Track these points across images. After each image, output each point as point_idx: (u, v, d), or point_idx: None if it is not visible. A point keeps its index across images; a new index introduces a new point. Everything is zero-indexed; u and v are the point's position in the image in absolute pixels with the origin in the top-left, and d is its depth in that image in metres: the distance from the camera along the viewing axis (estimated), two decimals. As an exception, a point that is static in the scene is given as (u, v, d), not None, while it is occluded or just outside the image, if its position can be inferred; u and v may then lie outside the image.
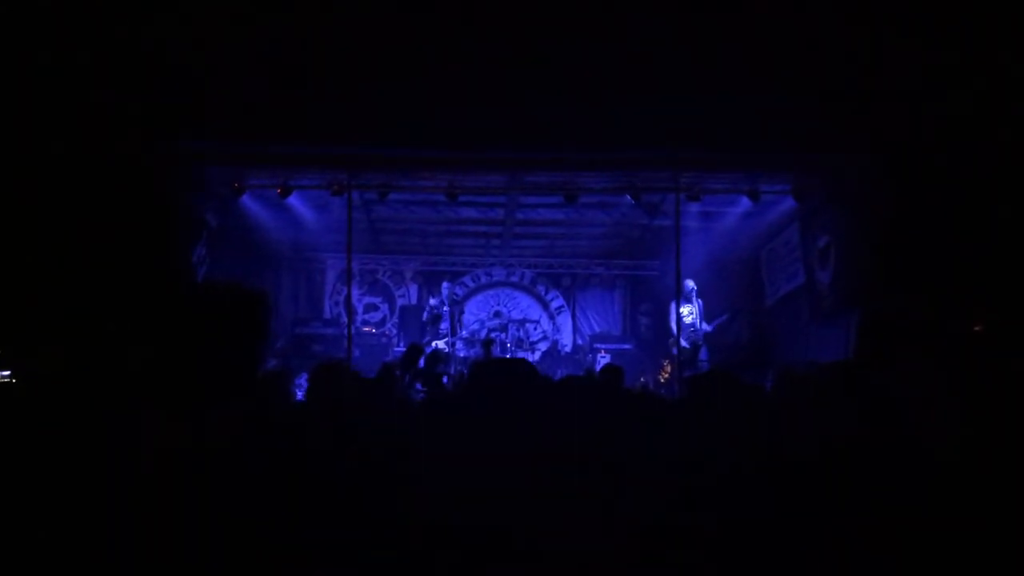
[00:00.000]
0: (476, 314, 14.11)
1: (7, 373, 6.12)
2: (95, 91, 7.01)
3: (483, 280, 14.68)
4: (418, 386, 8.86)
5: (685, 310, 10.93)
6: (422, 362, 10.03)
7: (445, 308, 11.70)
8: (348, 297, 11.69)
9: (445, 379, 9.37)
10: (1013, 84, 6.53)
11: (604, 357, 12.40)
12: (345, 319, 12.31)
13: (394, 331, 14.04)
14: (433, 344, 11.11)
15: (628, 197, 10.30)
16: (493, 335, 12.55)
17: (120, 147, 7.39)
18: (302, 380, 8.92)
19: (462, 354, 11.85)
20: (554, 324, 14.61)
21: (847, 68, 7.35)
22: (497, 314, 13.90)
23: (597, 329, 14.52)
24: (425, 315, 11.89)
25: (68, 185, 7.12)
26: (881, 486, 2.50)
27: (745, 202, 10.42)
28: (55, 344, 6.37)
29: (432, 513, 1.84)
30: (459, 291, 13.88)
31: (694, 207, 10.43)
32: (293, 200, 10.49)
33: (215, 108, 7.52)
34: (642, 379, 11.52)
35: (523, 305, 14.59)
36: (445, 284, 12.29)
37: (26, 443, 1.87)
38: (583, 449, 2.34)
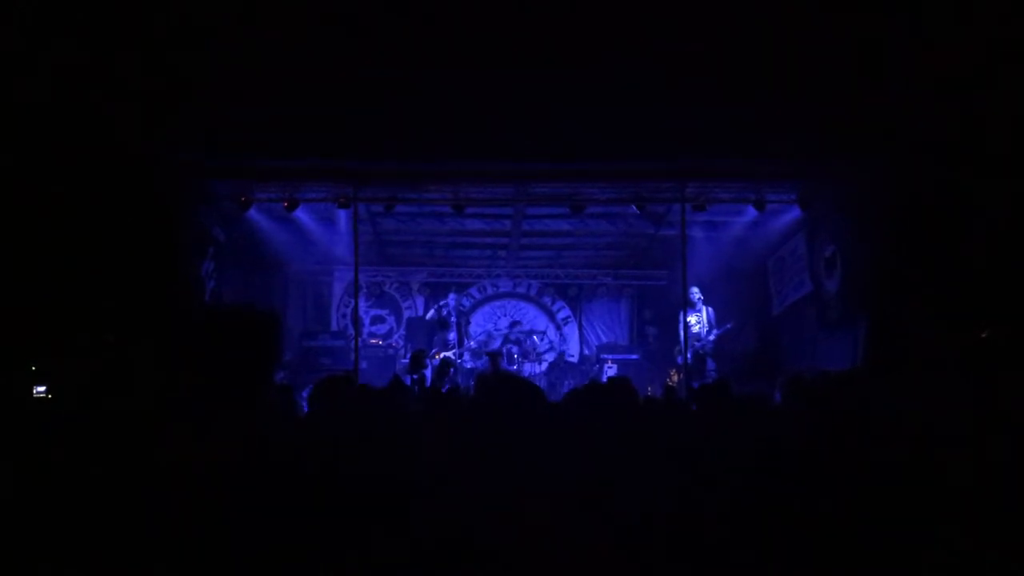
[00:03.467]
0: (483, 325, 14.12)
1: (43, 389, 6.19)
2: (101, 107, 7.06)
3: (489, 291, 14.69)
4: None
5: (692, 319, 10.92)
6: (428, 372, 10.05)
7: (452, 319, 11.71)
8: (355, 309, 11.70)
9: (446, 387, 9.38)
10: (1017, 89, 6.52)
11: (611, 368, 12.38)
12: (352, 331, 12.33)
13: (401, 343, 14.06)
14: (441, 355, 11.12)
15: (634, 207, 10.31)
16: (506, 347, 12.55)
17: (127, 163, 7.44)
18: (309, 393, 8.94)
19: (469, 365, 11.86)
20: (561, 335, 14.60)
21: (852, 76, 7.36)
22: (515, 323, 13.85)
23: (604, 339, 14.50)
24: (431, 314, 11.89)
25: (74, 201, 7.17)
26: (888, 492, 2.50)
27: (751, 211, 10.41)
28: (81, 361, 6.42)
29: (436, 529, 1.85)
30: (466, 302, 13.90)
31: (700, 217, 10.43)
32: (300, 213, 10.53)
33: (221, 122, 7.56)
34: (649, 388, 11.50)
35: (530, 316, 14.59)
36: (452, 295, 12.29)
37: (60, 455, 1.89)
38: (589, 463, 2.34)
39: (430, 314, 11.98)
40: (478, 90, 7.62)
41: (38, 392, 6.21)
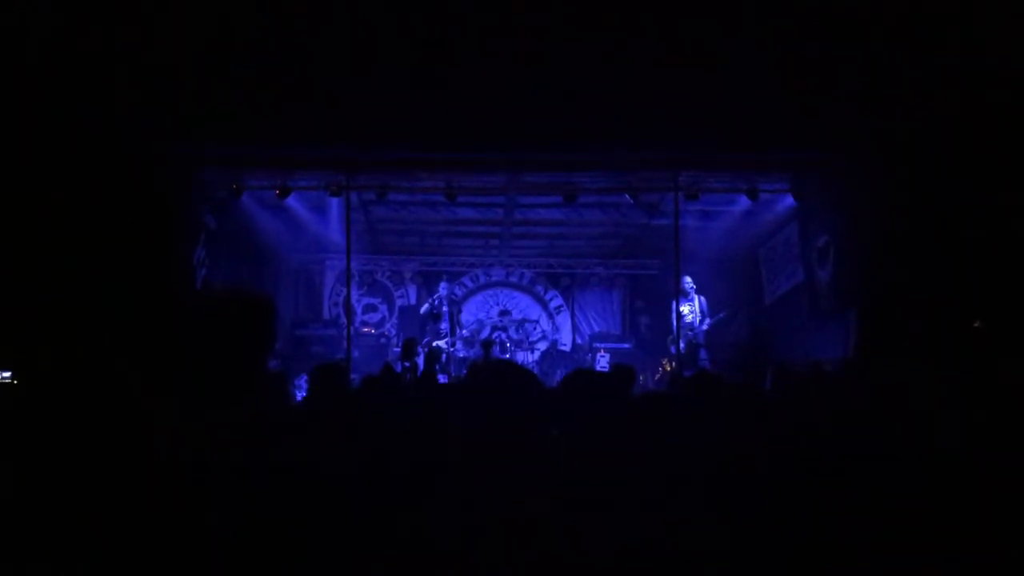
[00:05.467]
0: (475, 314, 14.12)
1: (8, 374, 6.15)
2: (92, 96, 7.01)
3: (482, 280, 14.69)
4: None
5: (685, 309, 10.93)
6: (421, 359, 10.04)
7: (444, 308, 11.71)
8: (347, 298, 11.68)
9: (443, 377, 9.39)
10: (1011, 82, 6.53)
11: (603, 356, 12.41)
12: (344, 320, 12.31)
13: (393, 331, 14.05)
14: (433, 344, 11.13)
15: (627, 196, 10.30)
16: (495, 335, 12.57)
17: (118, 151, 7.40)
18: (301, 381, 8.93)
19: (461, 354, 11.86)
20: (553, 324, 14.62)
21: (845, 66, 7.36)
22: (504, 312, 13.88)
23: (596, 328, 14.53)
24: (425, 308, 11.90)
25: (67, 190, 7.13)
26: (880, 482, 2.51)
27: (744, 201, 10.42)
28: (56, 347, 6.39)
29: (435, 516, 1.85)
30: (458, 291, 13.89)
31: (693, 206, 10.44)
32: (291, 201, 10.50)
33: (213, 111, 7.52)
34: (641, 377, 11.53)
35: (522, 305, 14.60)
36: (443, 284, 12.29)
37: (26, 445, 1.87)
38: (582, 451, 2.34)
39: (424, 308, 11.97)
40: (471, 78, 7.59)
41: (3, 377, 6.17)
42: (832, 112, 7.66)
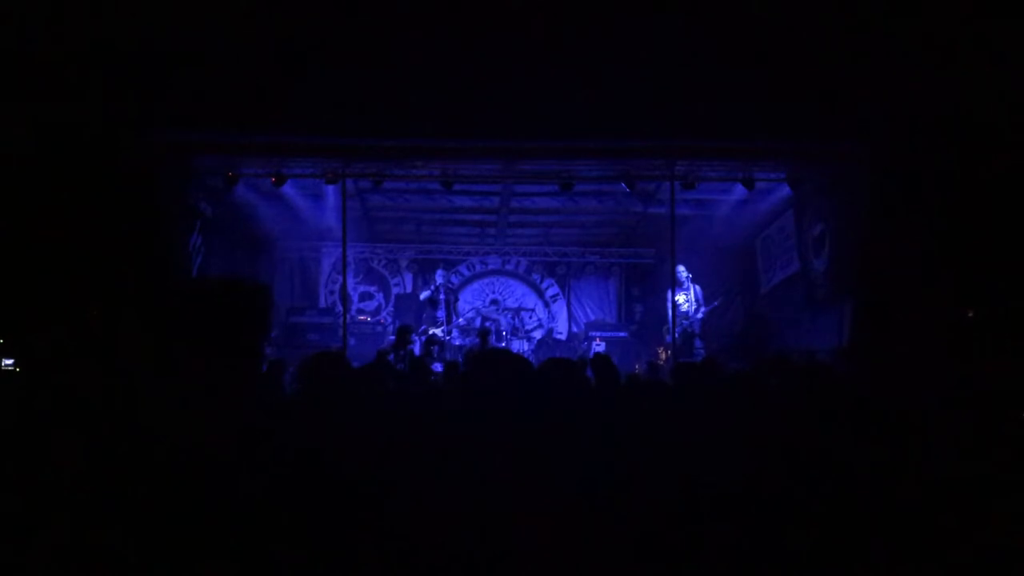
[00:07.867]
0: (471, 302, 14.12)
1: (11, 362, 6.17)
2: (87, 84, 6.98)
3: (478, 268, 14.68)
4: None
5: (680, 297, 10.94)
6: (417, 347, 10.03)
7: (441, 296, 11.71)
8: (343, 286, 11.66)
9: (439, 365, 9.39)
10: (1007, 75, 6.53)
11: (599, 345, 12.42)
12: (340, 308, 12.30)
13: (389, 319, 14.05)
14: (430, 331, 11.13)
15: (623, 185, 10.28)
16: (488, 324, 12.56)
17: (114, 139, 7.37)
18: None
19: (457, 342, 11.87)
20: (549, 312, 14.63)
21: (843, 57, 7.35)
22: (494, 302, 13.90)
23: (592, 317, 14.54)
24: (425, 294, 11.88)
25: (63, 178, 7.11)
26: (873, 472, 2.52)
27: (740, 190, 10.40)
28: (56, 335, 6.39)
29: (428, 508, 1.85)
30: (454, 279, 13.88)
31: (689, 195, 10.43)
32: (287, 189, 10.46)
33: (208, 98, 7.49)
34: (637, 366, 11.55)
35: (518, 293, 14.60)
36: (439, 272, 12.28)
37: (28, 431, 1.88)
38: (569, 440, 2.35)
39: (424, 294, 11.96)
40: (467, 66, 7.57)
41: (6, 365, 6.20)
42: (828, 101, 7.65)
